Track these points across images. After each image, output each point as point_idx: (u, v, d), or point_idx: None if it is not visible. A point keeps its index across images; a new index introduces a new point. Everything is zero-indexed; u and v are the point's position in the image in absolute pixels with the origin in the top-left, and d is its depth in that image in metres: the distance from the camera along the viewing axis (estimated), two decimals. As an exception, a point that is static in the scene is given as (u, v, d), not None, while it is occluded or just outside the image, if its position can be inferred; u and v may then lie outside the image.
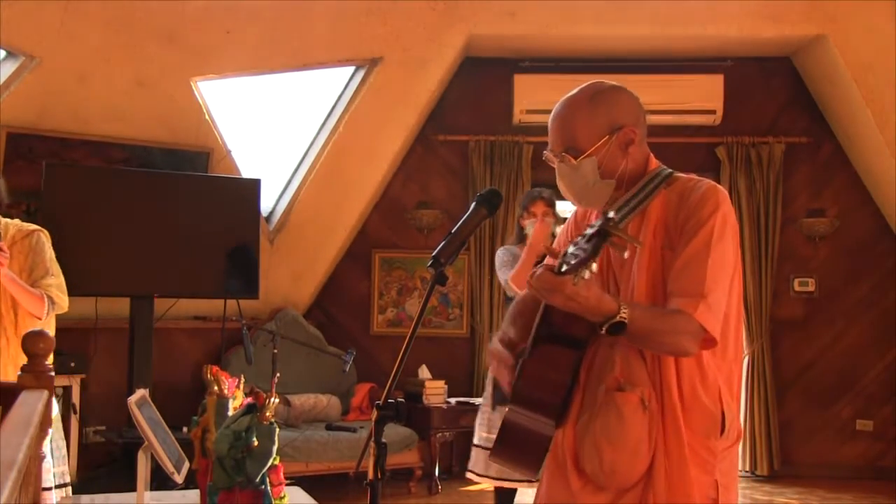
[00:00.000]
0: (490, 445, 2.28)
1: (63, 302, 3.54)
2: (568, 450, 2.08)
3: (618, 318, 1.84)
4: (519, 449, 2.14)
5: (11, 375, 3.37)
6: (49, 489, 3.47)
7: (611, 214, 1.66)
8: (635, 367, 2.01)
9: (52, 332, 3.45)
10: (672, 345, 1.96)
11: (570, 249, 1.76)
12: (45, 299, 3.45)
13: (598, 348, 2.07)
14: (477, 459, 4.70)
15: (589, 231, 1.70)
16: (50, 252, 3.58)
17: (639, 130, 2.11)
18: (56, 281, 3.54)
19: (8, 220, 3.59)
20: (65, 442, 3.79)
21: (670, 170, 2.16)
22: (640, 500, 2.01)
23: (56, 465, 3.58)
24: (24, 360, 3.43)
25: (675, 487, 1.98)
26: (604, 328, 1.87)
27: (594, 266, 1.69)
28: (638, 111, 2.14)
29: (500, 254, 4.78)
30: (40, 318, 3.46)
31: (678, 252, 1.99)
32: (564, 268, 1.76)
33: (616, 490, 2.02)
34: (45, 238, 3.59)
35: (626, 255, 1.64)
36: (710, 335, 1.94)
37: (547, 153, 2.16)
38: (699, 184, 2.08)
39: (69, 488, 3.72)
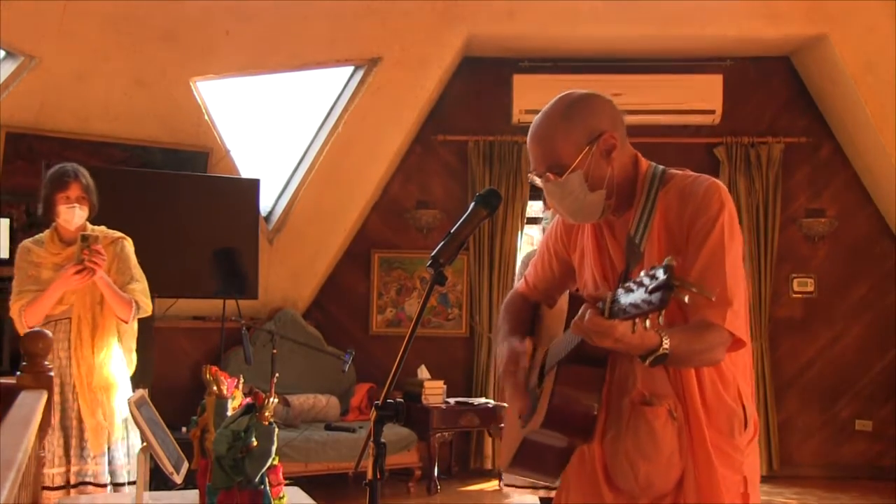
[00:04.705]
0: None
1: (147, 306, 3.79)
2: (598, 464, 2.07)
3: (661, 352, 1.81)
4: (540, 462, 2.16)
5: (79, 376, 3.65)
6: (122, 484, 3.68)
7: (669, 261, 1.57)
8: (658, 379, 2.00)
9: (134, 335, 3.84)
10: (707, 361, 1.96)
11: (622, 293, 1.69)
12: (133, 304, 3.70)
13: (616, 362, 2.05)
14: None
15: (651, 282, 1.59)
16: (133, 258, 3.83)
17: (618, 134, 2.05)
18: (140, 286, 3.79)
19: (94, 227, 3.82)
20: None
21: (662, 166, 2.11)
22: None
23: (130, 462, 3.70)
24: (90, 364, 3.69)
25: (705, 491, 1.98)
26: (647, 361, 1.83)
27: (661, 319, 1.61)
28: (614, 115, 2.08)
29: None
30: (126, 322, 3.73)
31: (691, 256, 1.95)
32: (620, 315, 1.69)
33: (650, 500, 2.02)
34: (129, 245, 3.84)
35: (686, 300, 1.59)
36: (738, 338, 1.94)
37: (531, 175, 2.11)
38: (698, 181, 2.04)
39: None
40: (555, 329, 2.18)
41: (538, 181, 2.10)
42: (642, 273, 1.62)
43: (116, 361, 3.78)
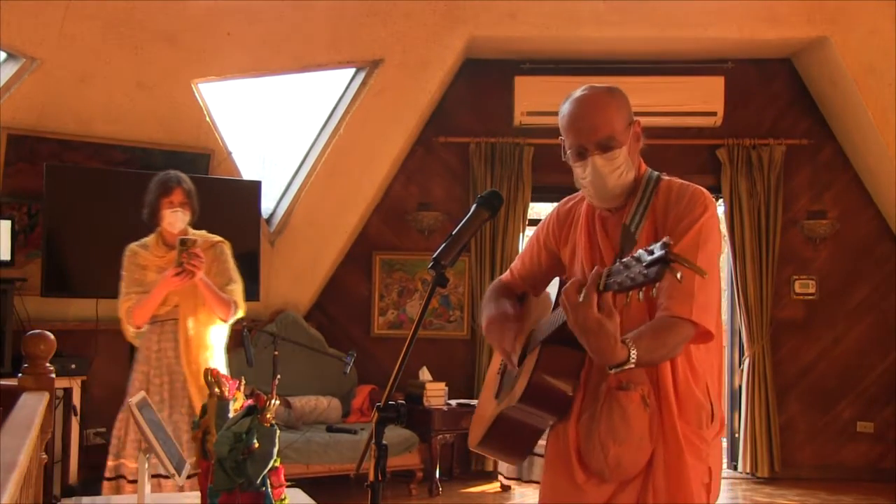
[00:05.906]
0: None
1: (243, 307, 3.99)
2: (572, 445, 2.15)
3: (627, 367, 1.88)
4: (511, 440, 2.22)
5: (190, 374, 3.81)
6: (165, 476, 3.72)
7: (666, 240, 1.64)
8: (635, 368, 2.05)
9: (227, 333, 4.01)
10: (667, 359, 2.06)
11: (618, 268, 1.74)
12: (233, 304, 3.92)
13: None
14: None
15: (647, 256, 1.66)
16: (231, 261, 4.02)
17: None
18: (238, 287, 3.99)
19: (194, 231, 4.00)
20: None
21: (657, 172, 2.23)
22: (641, 490, 2.11)
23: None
24: (198, 362, 3.82)
25: (673, 476, 2.08)
26: (612, 371, 1.89)
27: (654, 291, 1.68)
28: None
29: None
30: (226, 321, 3.94)
31: None
32: (615, 287, 1.74)
33: (619, 481, 2.11)
34: (227, 249, 4.04)
35: (679, 276, 1.63)
36: (704, 329, 2.02)
37: (571, 153, 2.15)
38: (684, 187, 2.16)
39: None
40: (539, 315, 2.26)
41: (574, 160, 2.14)
42: (639, 251, 1.70)
43: (218, 357, 3.99)
